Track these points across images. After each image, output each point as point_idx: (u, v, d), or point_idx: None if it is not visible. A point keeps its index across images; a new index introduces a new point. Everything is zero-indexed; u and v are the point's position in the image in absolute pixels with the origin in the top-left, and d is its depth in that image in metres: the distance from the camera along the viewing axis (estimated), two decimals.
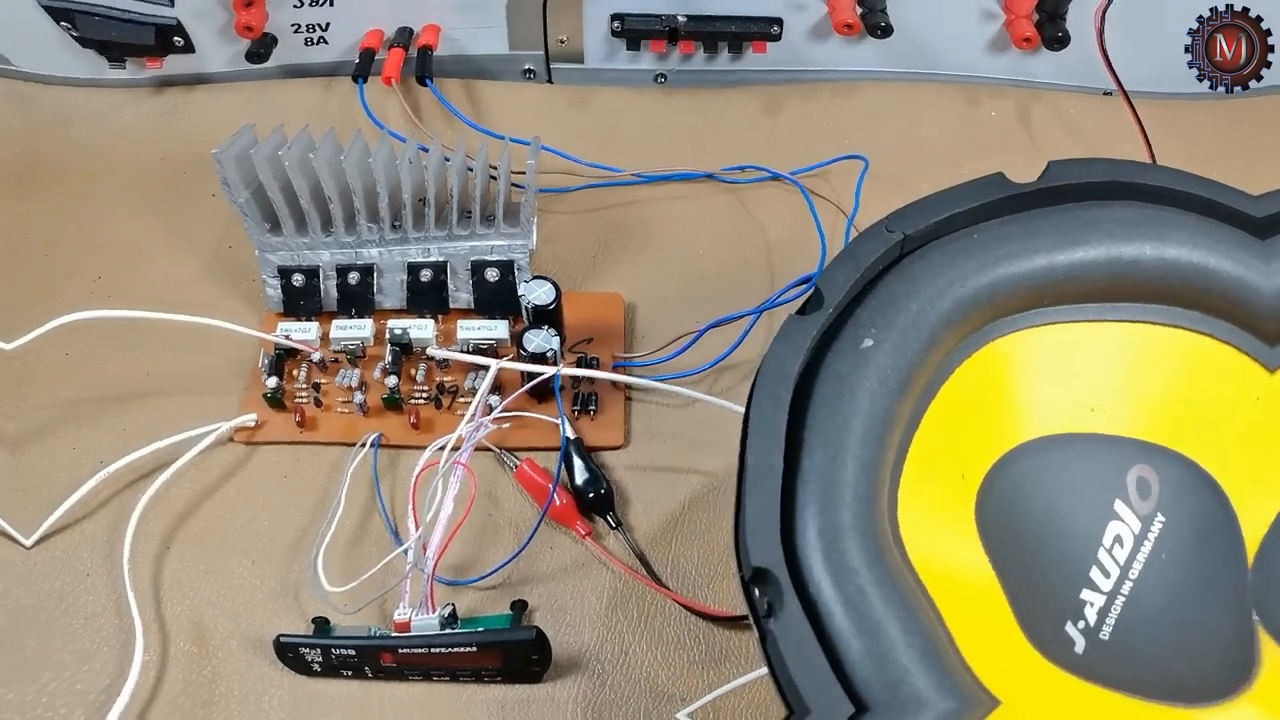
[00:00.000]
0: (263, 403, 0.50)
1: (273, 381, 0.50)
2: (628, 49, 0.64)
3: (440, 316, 0.53)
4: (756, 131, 0.64)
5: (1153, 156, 0.56)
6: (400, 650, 0.42)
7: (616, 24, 0.62)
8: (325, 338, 0.52)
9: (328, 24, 0.62)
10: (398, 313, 0.54)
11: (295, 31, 0.63)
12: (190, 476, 0.48)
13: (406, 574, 0.43)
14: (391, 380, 0.50)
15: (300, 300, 0.53)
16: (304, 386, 0.51)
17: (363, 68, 0.61)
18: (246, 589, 0.45)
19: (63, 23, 0.62)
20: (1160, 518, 0.32)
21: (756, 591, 0.28)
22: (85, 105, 0.65)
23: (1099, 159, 0.36)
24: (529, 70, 0.65)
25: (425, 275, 0.52)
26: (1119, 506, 0.32)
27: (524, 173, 0.50)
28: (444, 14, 0.62)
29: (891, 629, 0.26)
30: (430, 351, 0.51)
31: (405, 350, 0.51)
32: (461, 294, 0.53)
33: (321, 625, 0.44)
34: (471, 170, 0.50)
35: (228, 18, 0.61)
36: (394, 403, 0.50)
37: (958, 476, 0.32)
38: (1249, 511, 0.32)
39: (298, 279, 0.52)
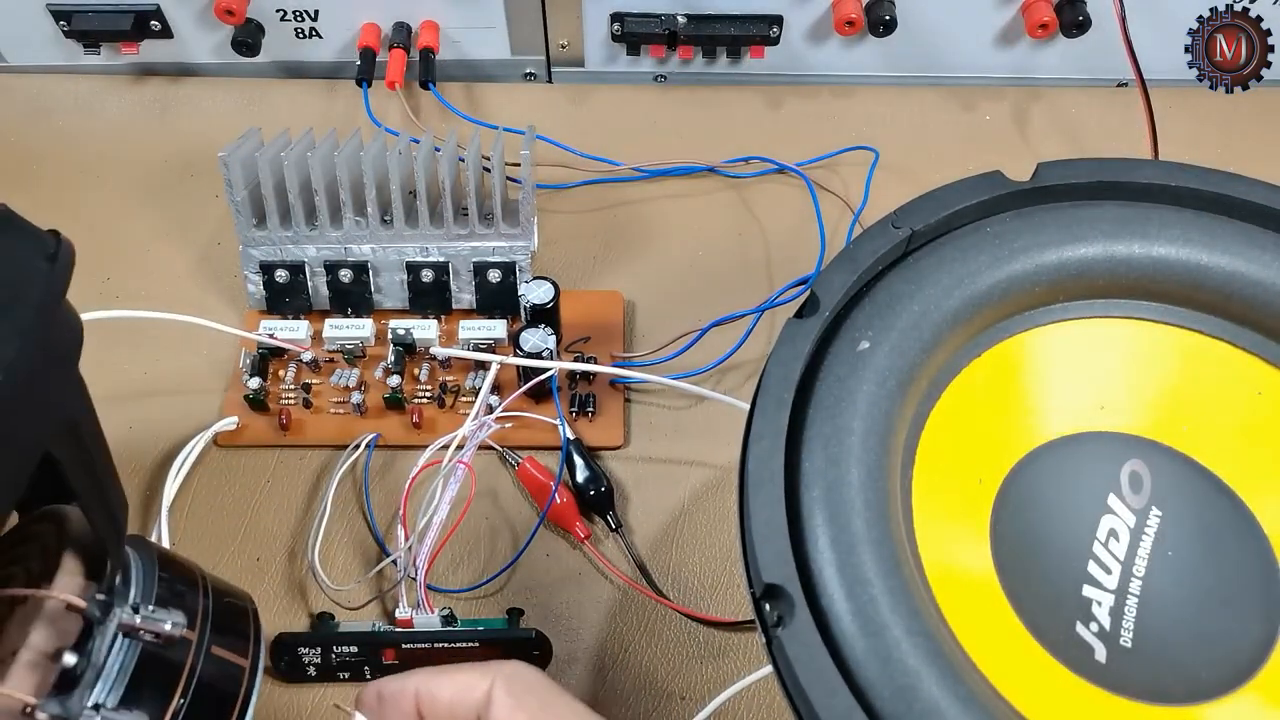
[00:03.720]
0: (244, 404, 0.50)
1: (255, 383, 0.49)
2: (628, 54, 0.64)
3: (443, 317, 0.53)
4: (759, 126, 0.64)
5: (1156, 150, 0.55)
6: (404, 645, 0.42)
7: (616, 26, 0.62)
8: (318, 337, 0.51)
9: (316, 11, 0.62)
10: (399, 313, 0.53)
11: (282, 19, 0.62)
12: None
13: (398, 581, 0.44)
14: (394, 380, 0.49)
15: (285, 297, 0.52)
16: (292, 387, 0.50)
17: (365, 71, 0.61)
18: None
19: (61, 21, 0.61)
20: (1156, 511, 0.32)
21: (767, 606, 0.27)
22: (63, 93, 0.64)
23: (1109, 159, 0.36)
24: (530, 74, 0.65)
25: (427, 276, 0.52)
26: (1112, 500, 0.32)
27: (519, 164, 0.50)
28: (438, 7, 0.62)
29: (904, 639, 0.26)
30: (434, 350, 0.50)
31: (408, 350, 0.51)
32: (464, 294, 0.53)
33: (325, 620, 0.44)
34: (463, 161, 0.50)
35: (207, 0, 0.61)
36: (397, 402, 0.50)
37: (975, 481, 0.32)
38: (1262, 505, 0.32)
39: (281, 275, 0.52)
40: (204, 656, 0.29)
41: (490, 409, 0.49)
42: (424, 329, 0.51)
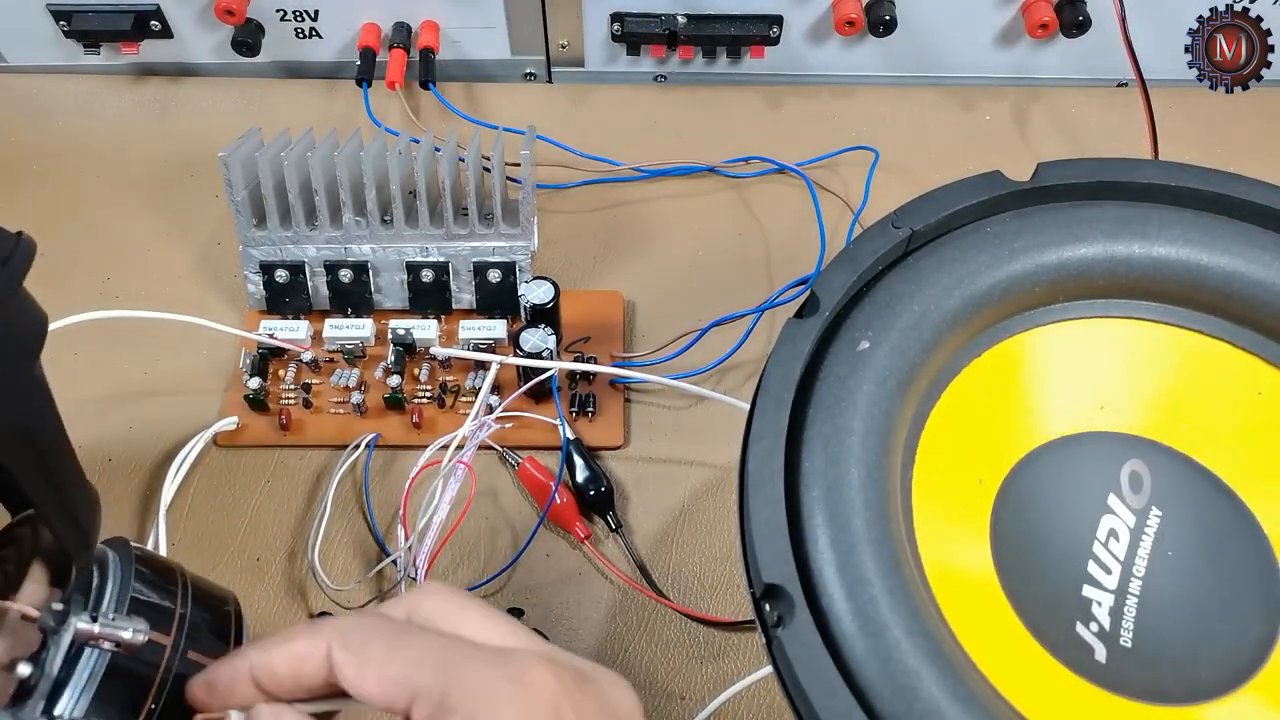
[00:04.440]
0: (244, 404, 0.50)
1: (255, 383, 0.49)
2: (628, 54, 0.64)
3: (443, 317, 0.53)
4: (759, 126, 0.64)
5: (1156, 150, 0.55)
6: None
7: (616, 26, 0.62)
8: (318, 337, 0.51)
9: (316, 11, 0.62)
10: (399, 313, 0.53)
11: (282, 19, 0.62)
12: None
13: (398, 581, 0.44)
14: (394, 380, 0.49)
15: (285, 297, 0.52)
16: (292, 387, 0.50)
17: (366, 71, 0.61)
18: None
19: (61, 21, 0.61)
20: (1156, 511, 0.32)
21: (767, 606, 0.27)
22: (63, 93, 0.64)
23: (1110, 159, 0.36)
24: (530, 74, 0.65)
25: (427, 276, 0.52)
26: (1112, 500, 0.32)
27: (519, 164, 0.50)
28: (438, 7, 0.62)
29: (904, 639, 0.26)
30: (434, 350, 0.50)
31: (408, 350, 0.51)
32: (464, 294, 0.53)
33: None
34: (463, 161, 0.50)
35: (207, 0, 0.60)
36: (397, 402, 0.49)
37: (975, 481, 0.32)
38: (1262, 505, 0.32)
39: (281, 275, 0.52)
40: (179, 661, 0.28)
41: (490, 409, 0.49)
42: (424, 329, 0.51)
